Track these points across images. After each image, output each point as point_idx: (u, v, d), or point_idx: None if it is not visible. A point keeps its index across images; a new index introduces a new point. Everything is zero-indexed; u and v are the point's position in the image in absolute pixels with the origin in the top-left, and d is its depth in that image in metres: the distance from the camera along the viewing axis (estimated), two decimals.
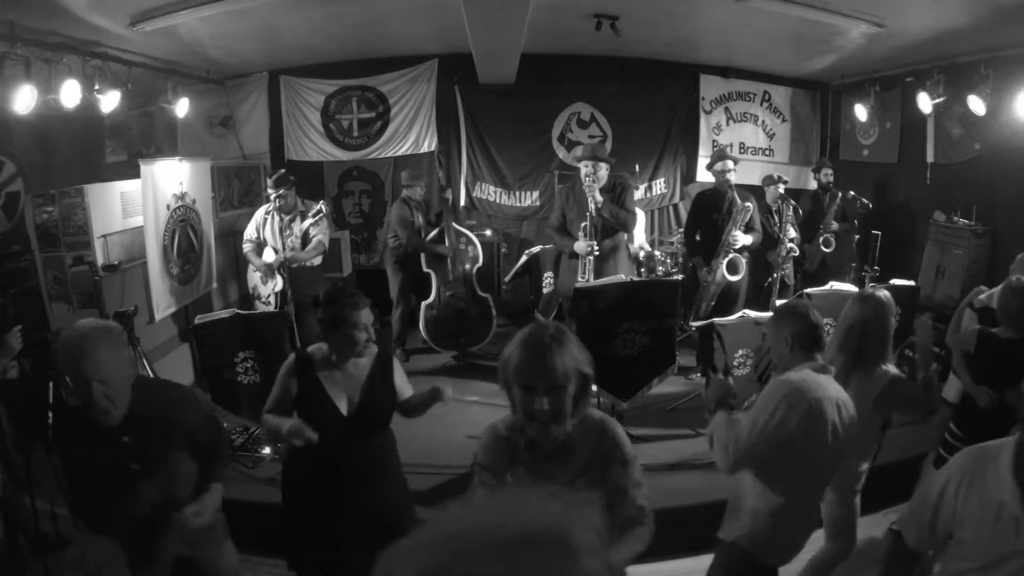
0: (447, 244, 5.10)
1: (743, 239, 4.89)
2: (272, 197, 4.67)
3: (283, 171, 4.88)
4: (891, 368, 2.57)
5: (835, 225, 5.70)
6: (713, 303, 5.02)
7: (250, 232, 4.84)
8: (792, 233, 5.23)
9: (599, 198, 4.31)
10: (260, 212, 4.86)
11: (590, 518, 0.62)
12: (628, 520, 1.67)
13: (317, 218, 4.67)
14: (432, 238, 5.11)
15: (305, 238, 4.74)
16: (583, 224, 4.39)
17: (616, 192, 4.45)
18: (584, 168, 4.37)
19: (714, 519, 2.32)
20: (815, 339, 2.20)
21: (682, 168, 7.08)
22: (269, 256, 4.71)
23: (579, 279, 4.35)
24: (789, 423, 2.03)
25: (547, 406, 1.54)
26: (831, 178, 5.88)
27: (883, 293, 2.62)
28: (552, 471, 1.64)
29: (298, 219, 4.77)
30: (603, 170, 4.37)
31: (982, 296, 3.74)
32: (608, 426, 1.74)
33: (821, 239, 5.64)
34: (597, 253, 4.36)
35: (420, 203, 5.26)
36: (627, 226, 4.48)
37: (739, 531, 2.20)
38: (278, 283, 4.66)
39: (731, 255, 4.87)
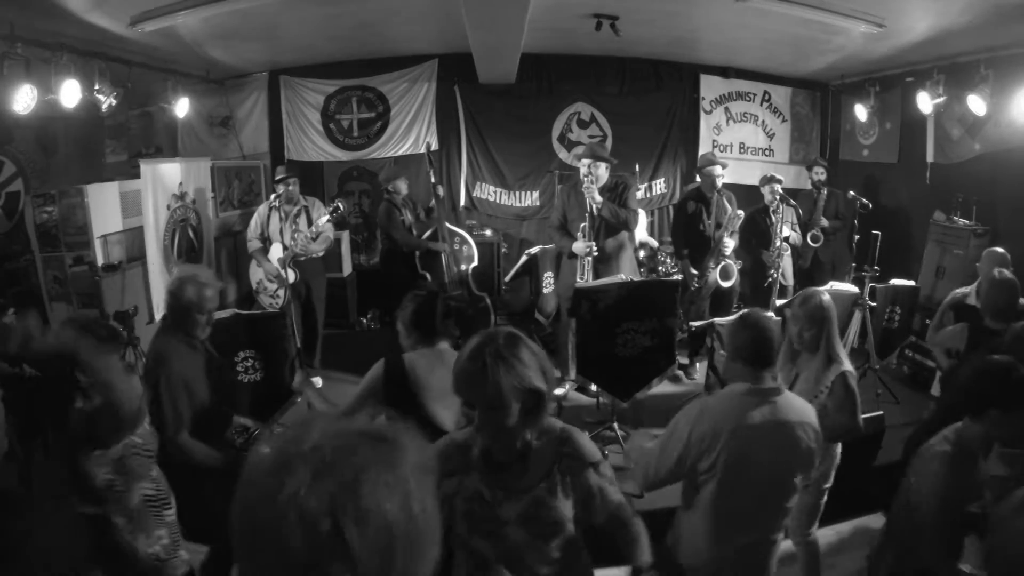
0: (441, 241, 5.10)
1: (732, 244, 4.91)
2: (278, 180, 4.85)
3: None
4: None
5: (825, 222, 5.67)
6: (706, 305, 5.02)
7: (254, 228, 4.91)
8: (787, 232, 5.23)
9: (598, 198, 4.27)
10: (263, 208, 4.94)
11: (419, 441, 0.85)
12: (618, 523, 1.68)
13: (336, 214, 4.84)
14: (426, 238, 5.12)
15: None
16: (582, 224, 4.37)
17: (618, 191, 4.42)
18: (583, 168, 4.34)
19: None
20: (757, 354, 2.05)
21: (682, 168, 7.08)
22: (276, 253, 4.77)
23: (578, 280, 4.34)
24: (695, 450, 1.98)
25: (484, 424, 1.51)
26: (822, 176, 5.88)
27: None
28: (507, 481, 1.60)
29: (303, 213, 4.89)
30: (602, 169, 4.34)
31: (958, 293, 3.82)
32: (569, 437, 1.66)
33: (809, 235, 5.64)
34: (596, 254, 4.34)
35: (406, 199, 5.25)
36: (628, 225, 4.46)
37: (673, 535, 2.18)
38: (290, 276, 4.75)
39: (723, 262, 4.87)
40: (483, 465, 1.61)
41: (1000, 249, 3.86)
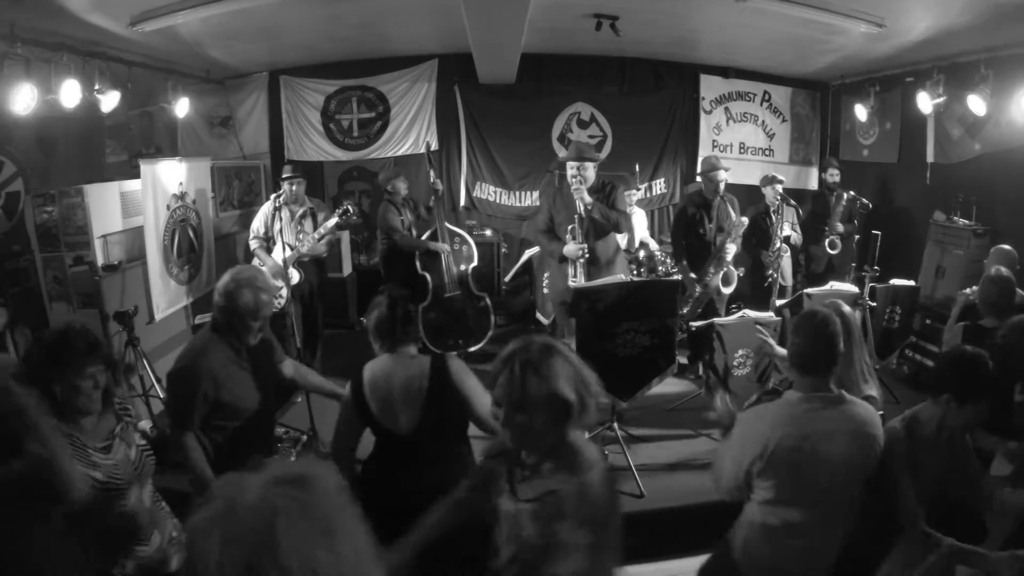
0: (440, 241, 5.10)
1: (733, 250, 4.85)
2: (284, 177, 4.88)
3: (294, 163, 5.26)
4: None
5: (841, 227, 5.64)
6: (700, 311, 4.99)
7: (257, 226, 4.87)
8: (787, 231, 5.21)
9: (588, 199, 4.18)
10: (267, 206, 4.90)
11: (330, 471, 0.91)
12: None
13: (345, 217, 4.85)
14: (426, 238, 5.12)
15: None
16: (570, 227, 4.27)
17: (605, 192, 4.34)
18: (570, 169, 4.25)
19: (714, 519, 2.32)
20: (816, 359, 2.00)
21: (682, 168, 7.08)
22: (280, 254, 4.68)
23: (570, 283, 4.28)
24: (749, 457, 1.99)
25: (508, 424, 1.57)
26: (837, 178, 5.83)
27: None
28: (520, 486, 1.65)
29: (309, 215, 4.95)
30: (590, 170, 4.24)
31: (961, 294, 3.85)
32: (593, 480, 1.54)
33: (827, 241, 5.57)
34: (587, 256, 4.28)
35: (406, 199, 5.25)
36: (619, 227, 4.38)
37: (734, 531, 2.18)
38: (293, 277, 4.75)
39: (726, 269, 4.84)
40: (508, 461, 1.69)
41: (1007, 246, 3.86)
